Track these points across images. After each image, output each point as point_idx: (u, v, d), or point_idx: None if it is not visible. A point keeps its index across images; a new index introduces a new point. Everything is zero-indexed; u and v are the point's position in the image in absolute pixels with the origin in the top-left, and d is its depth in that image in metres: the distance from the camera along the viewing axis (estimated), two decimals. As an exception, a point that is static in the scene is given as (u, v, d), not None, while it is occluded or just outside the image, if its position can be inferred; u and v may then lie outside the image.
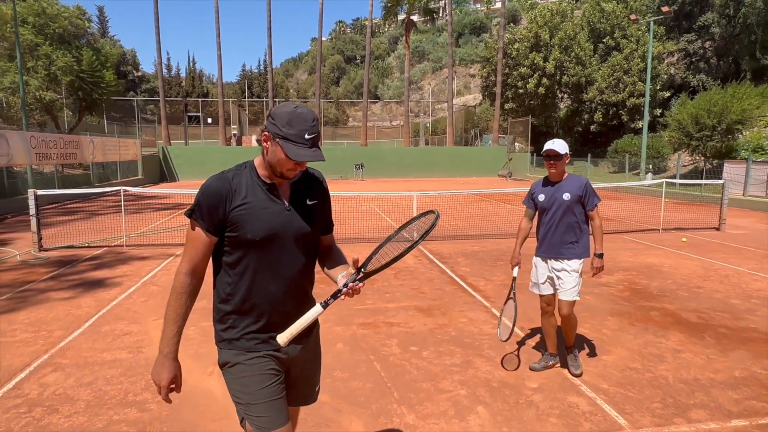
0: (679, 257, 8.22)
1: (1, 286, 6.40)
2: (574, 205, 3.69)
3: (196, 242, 1.77)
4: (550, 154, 3.64)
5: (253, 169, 1.83)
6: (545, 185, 3.84)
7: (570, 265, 3.70)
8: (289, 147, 1.70)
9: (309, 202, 1.90)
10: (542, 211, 3.82)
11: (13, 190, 15.68)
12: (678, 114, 23.56)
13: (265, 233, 1.75)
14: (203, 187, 1.76)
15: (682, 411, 3.32)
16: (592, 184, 3.76)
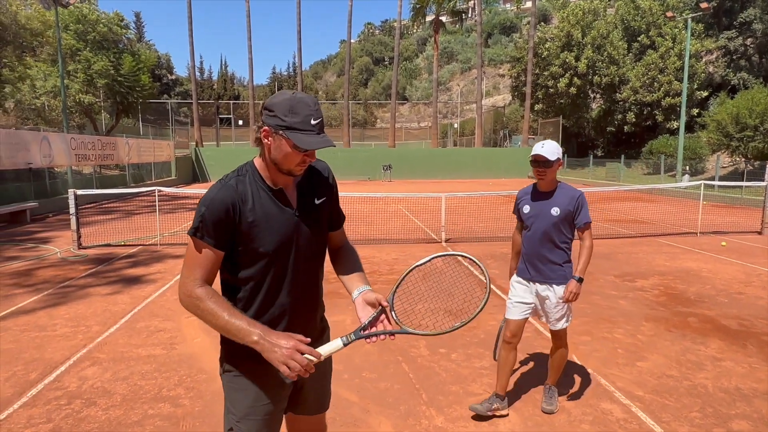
0: (718, 262, 7.92)
1: (43, 282, 6.66)
2: (562, 222, 3.11)
3: (204, 260, 1.59)
4: (539, 159, 3.05)
5: (256, 172, 1.66)
6: (533, 195, 3.25)
7: (559, 291, 3.15)
8: (296, 137, 1.53)
9: (317, 201, 1.76)
10: (525, 225, 3.26)
11: (54, 190, 16.30)
12: (717, 114, 22.76)
13: (277, 245, 1.63)
14: (207, 200, 1.58)
15: (723, 421, 3.19)
16: (586, 198, 3.18)
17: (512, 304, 3.27)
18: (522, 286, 3.27)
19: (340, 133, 42.59)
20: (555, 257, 3.15)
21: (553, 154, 3.05)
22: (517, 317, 3.23)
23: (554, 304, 3.16)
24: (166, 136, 32.05)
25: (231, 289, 1.69)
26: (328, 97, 72.46)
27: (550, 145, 3.08)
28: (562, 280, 3.14)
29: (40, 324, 5.04)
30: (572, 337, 4.65)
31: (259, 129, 1.60)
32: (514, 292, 3.30)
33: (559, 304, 3.15)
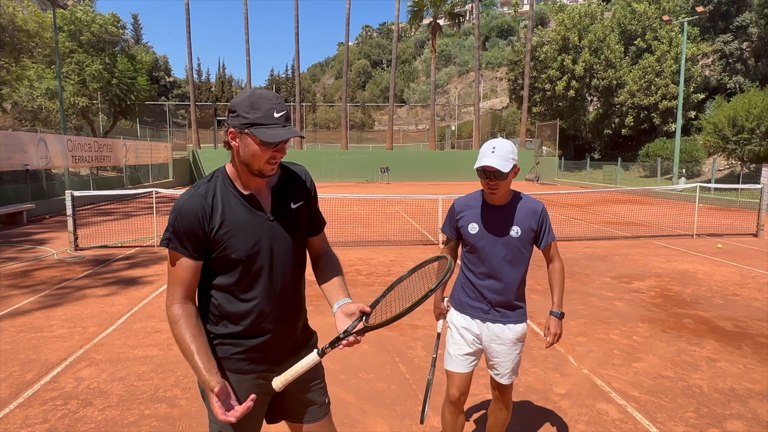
0: (714, 264, 7.96)
1: (40, 283, 6.64)
2: (523, 245, 2.38)
3: (181, 271, 1.58)
4: (488, 170, 2.25)
5: (226, 177, 1.63)
6: (482, 209, 2.42)
7: (516, 331, 2.43)
8: (260, 131, 1.49)
9: (293, 205, 1.71)
10: (473, 248, 2.42)
11: (52, 192, 16.28)
12: (714, 117, 22.89)
13: (250, 251, 1.59)
14: (176, 209, 1.57)
15: (718, 421, 3.21)
16: (548, 212, 2.46)
17: (455, 353, 2.49)
18: (466, 327, 2.47)
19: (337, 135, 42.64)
20: (513, 289, 2.41)
21: (506, 163, 2.24)
22: (462, 370, 2.48)
23: (509, 349, 2.43)
24: (164, 138, 32.03)
25: (207, 296, 1.67)
26: (326, 99, 72.54)
27: (502, 148, 2.27)
28: (520, 317, 2.44)
29: (36, 325, 5.04)
30: (569, 338, 4.68)
31: (226, 133, 1.57)
32: (455, 336, 2.50)
33: (517, 346, 2.46)
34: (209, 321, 1.69)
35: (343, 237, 10.16)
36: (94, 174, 20.96)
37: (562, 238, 10.15)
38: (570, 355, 4.29)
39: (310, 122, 62.84)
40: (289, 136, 1.52)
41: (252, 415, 1.73)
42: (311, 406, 1.84)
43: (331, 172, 31.98)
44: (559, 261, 2.51)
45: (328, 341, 1.60)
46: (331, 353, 1.63)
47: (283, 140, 1.52)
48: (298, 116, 36.58)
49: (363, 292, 6.26)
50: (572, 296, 5.98)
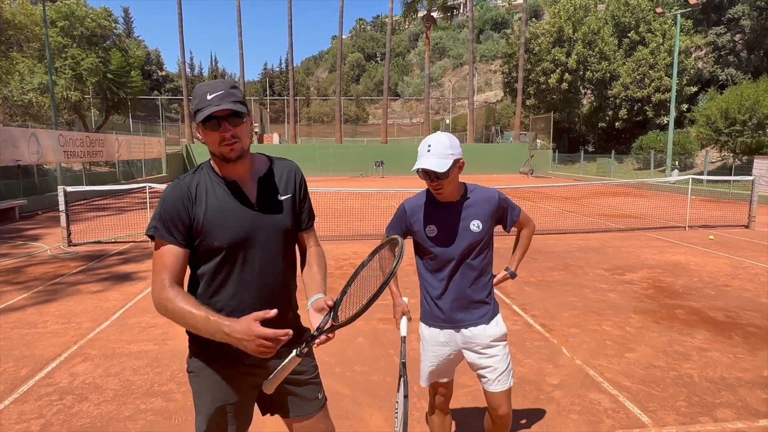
0: (706, 255, 8.03)
1: (33, 279, 6.62)
2: (487, 237, 2.23)
3: (168, 259, 1.59)
4: (429, 172, 2.10)
5: (210, 168, 1.67)
6: (433, 208, 2.24)
7: (494, 329, 2.26)
8: (198, 116, 1.54)
9: (281, 197, 1.72)
10: (432, 252, 2.23)
11: (44, 187, 16.17)
12: (706, 109, 23.00)
13: (233, 238, 1.61)
14: (162, 199, 1.62)
15: (708, 410, 3.26)
16: (504, 194, 2.33)
17: (429, 369, 2.37)
18: (441, 336, 2.31)
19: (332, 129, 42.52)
20: (481, 289, 2.25)
21: (444, 161, 2.06)
22: (446, 379, 2.41)
23: (498, 350, 2.27)
24: (157, 133, 31.83)
25: (194, 286, 1.69)
26: (320, 93, 72.29)
27: (438, 145, 2.09)
28: (492, 315, 2.29)
29: (30, 321, 5.02)
30: (562, 330, 4.72)
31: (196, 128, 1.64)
32: (430, 351, 2.34)
33: (500, 346, 2.28)
34: None
35: (338, 231, 10.17)
36: (86, 169, 20.81)
37: (557, 231, 10.21)
38: (563, 346, 4.33)
39: (304, 116, 62.62)
40: (211, 112, 1.50)
41: (240, 408, 1.76)
42: (303, 402, 1.83)
43: (326, 166, 31.92)
44: (529, 227, 2.45)
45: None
46: (325, 347, 1.64)
47: (207, 117, 1.51)
48: (291, 110, 36.45)
49: (358, 286, 6.27)
50: (565, 288, 6.02)
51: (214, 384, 1.70)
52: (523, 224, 2.43)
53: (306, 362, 1.85)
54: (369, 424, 3.13)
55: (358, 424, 3.11)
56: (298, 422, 1.83)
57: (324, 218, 11.87)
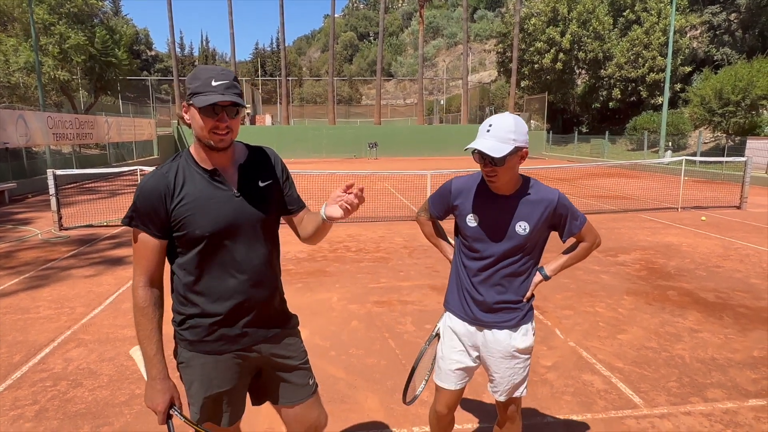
0: (698, 236, 8.09)
1: (25, 264, 6.56)
2: (532, 243, 2.01)
3: (145, 250, 1.60)
4: (483, 155, 1.86)
5: (189, 156, 1.64)
6: (483, 196, 2.01)
7: (522, 341, 2.07)
8: (197, 99, 1.51)
9: (261, 183, 1.71)
10: (470, 244, 2.04)
11: (33, 170, 15.94)
12: (700, 89, 22.94)
13: (215, 227, 1.59)
14: (139, 189, 1.59)
15: (699, 390, 3.30)
16: (567, 198, 2.05)
17: (446, 367, 2.16)
18: (458, 336, 2.14)
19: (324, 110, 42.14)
20: (514, 291, 2.05)
21: (503, 146, 1.81)
22: (453, 387, 2.17)
23: (519, 359, 2.09)
24: (147, 114, 31.40)
25: (175, 275, 1.68)
26: (312, 73, 71.42)
27: (500, 126, 1.84)
28: (523, 321, 2.08)
29: (22, 306, 4.99)
30: (555, 311, 4.76)
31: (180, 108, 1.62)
32: (449, 347, 2.16)
33: (523, 358, 2.10)
34: (178, 301, 1.70)
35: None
36: (76, 152, 20.53)
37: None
38: (557, 328, 4.36)
39: (297, 97, 61.96)
40: (217, 100, 1.50)
41: (233, 396, 1.76)
42: (292, 388, 1.84)
43: (319, 148, 31.70)
44: (589, 240, 2.09)
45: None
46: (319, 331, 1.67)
47: (211, 104, 1.50)
48: (284, 90, 36.01)
49: (352, 269, 6.28)
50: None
51: (206, 373, 1.70)
52: (584, 237, 2.09)
53: (295, 348, 1.85)
54: (364, 407, 3.15)
55: (353, 408, 3.13)
56: (288, 408, 1.84)
57: (318, 201, 11.79)
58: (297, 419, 1.85)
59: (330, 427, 2.91)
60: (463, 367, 2.15)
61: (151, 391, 1.61)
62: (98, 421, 2.99)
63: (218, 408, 1.74)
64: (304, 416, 1.85)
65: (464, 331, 2.12)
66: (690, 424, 2.93)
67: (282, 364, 1.81)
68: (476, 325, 2.09)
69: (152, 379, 1.61)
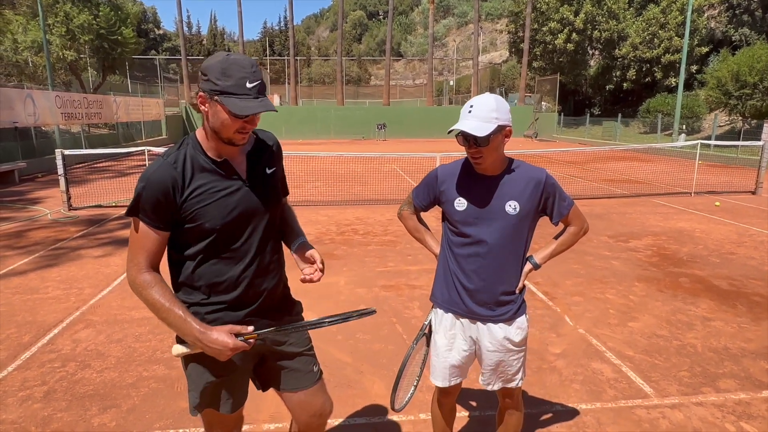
0: (711, 222, 7.95)
1: (34, 244, 6.59)
2: (523, 224, 1.95)
3: (146, 241, 1.53)
4: (467, 136, 1.83)
5: (197, 145, 1.56)
6: (469, 179, 1.97)
7: (516, 334, 2.02)
8: (230, 102, 1.42)
9: (268, 171, 1.68)
10: (459, 229, 1.97)
11: (43, 150, 15.98)
12: (717, 71, 22.39)
13: (225, 219, 1.55)
14: (144, 178, 1.50)
15: (711, 380, 3.25)
16: (554, 178, 2.00)
17: (440, 365, 2.11)
18: (450, 331, 2.08)
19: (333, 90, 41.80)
20: (507, 280, 1.99)
21: (485, 125, 1.79)
22: (449, 384, 2.14)
23: (514, 351, 2.04)
24: (155, 94, 31.32)
25: (180, 266, 1.62)
26: (321, 53, 70.68)
27: (482, 106, 1.82)
28: (517, 313, 2.03)
29: (32, 286, 5.02)
30: (565, 298, 4.70)
31: (195, 95, 1.52)
32: (439, 344, 2.10)
33: (514, 351, 2.05)
34: (183, 291, 1.65)
35: (340, 196, 10.08)
36: (86, 131, 20.55)
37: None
38: (566, 315, 4.31)
39: (305, 77, 61.45)
40: (261, 110, 1.45)
41: (235, 383, 1.74)
42: (296, 375, 1.81)
43: (327, 129, 31.52)
44: (577, 224, 2.05)
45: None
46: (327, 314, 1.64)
47: (254, 113, 1.45)
48: (292, 70, 35.70)
49: (359, 252, 6.25)
50: (569, 255, 5.97)
51: (207, 359, 1.66)
52: (571, 221, 2.04)
53: (299, 335, 1.83)
54: (371, 392, 3.13)
55: (360, 393, 3.12)
56: (291, 394, 1.82)
57: (325, 183, 11.78)
58: (301, 406, 1.82)
59: (336, 412, 2.90)
60: (458, 364, 2.10)
61: (212, 343, 1.48)
62: (106, 402, 3.00)
63: (219, 394, 1.72)
64: (308, 403, 1.82)
65: (456, 326, 2.07)
66: (702, 414, 2.89)
67: (285, 351, 1.79)
68: (469, 318, 2.03)
69: (201, 334, 1.48)
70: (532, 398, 3.06)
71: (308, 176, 12.97)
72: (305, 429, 1.85)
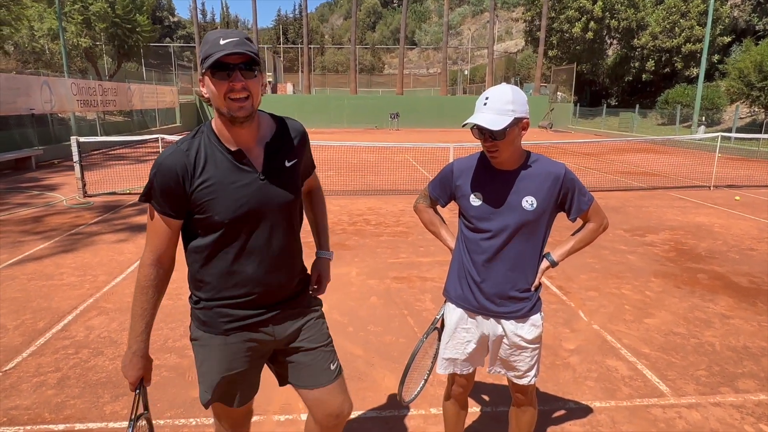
0: (731, 216, 7.78)
1: (51, 230, 6.66)
2: (541, 220, 1.88)
3: (157, 229, 1.53)
4: (482, 129, 1.76)
5: (212, 133, 1.52)
6: (485, 174, 1.92)
7: (530, 332, 1.98)
8: (207, 61, 1.39)
9: (287, 163, 1.61)
10: (475, 225, 1.93)
11: (59, 137, 16.15)
12: (739, 61, 21.83)
13: (235, 213, 1.50)
14: (156, 164, 1.48)
15: (730, 380, 3.17)
16: (574, 174, 1.93)
17: (461, 359, 2.07)
18: (467, 321, 2.03)
19: (346, 79, 41.61)
20: (522, 276, 1.94)
21: (500, 118, 1.72)
22: (467, 371, 2.12)
23: (527, 348, 2.00)
24: (170, 82, 31.42)
25: (192, 257, 1.61)
26: (335, 41, 70.31)
27: (497, 98, 1.74)
28: (531, 310, 1.98)
29: (47, 273, 5.07)
30: (579, 293, 4.62)
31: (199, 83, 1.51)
32: (455, 336, 2.05)
33: (527, 349, 2.00)
34: (193, 284, 1.65)
35: (352, 185, 10.04)
36: (101, 119, 20.71)
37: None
38: (580, 310, 4.25)
39: (319, 65, 61.23)
40: (222, 54, 1.37)
41: (246, 377, 1.71)
42: (312, 371, 1.76)
43: (340, 118, 31.42)
44: (597, 221, 1.98)
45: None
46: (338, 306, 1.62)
47: (219, 61, 1.38)
48: (305, 59, 35.56)
49: (371, 243, 6.21)
50: (584, 249, 5.87)
51: (221, 353, 1.65)
52: (590, 217, 1.97)
53: (315, 330, 1.78)
54: (382, 385, 3.11)
55: (370, 386, 3.10)
56: (308, 391, 1.76)
57: (338, 172, 11.73)
58: (317, 404, 1.76)
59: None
60: (469, 358, 2.07)
61: (128, 363, 1.60)
62: (118, 390, 3.02)
63: (228, 390, 1.70)
64: (324, 401, 1.75)
65: (468, 321, 2.03)
66: (720, 415, 2.82)
67: (300, 347, 1.74)
68: (481, 314, 1.99)
69: (133, 354, 1.59)
70: (545, 395, 3.01)
71: (321, 165, 12.88)
72: (320, 428, 1.79)
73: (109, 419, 2.75)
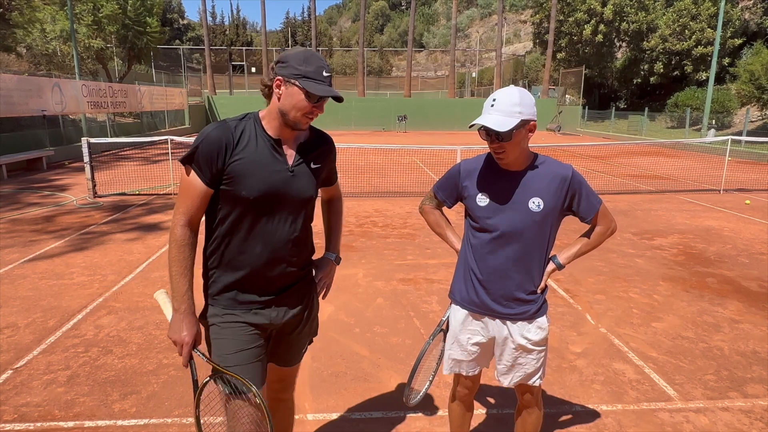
0: (741, 221, 7.71)
1: (62, 230, 6.74)
2: (547, 221, 1.88)
3: (191, 192, 1.63)
4: (489, 131, 1.78)
5: (258, 121, 1.69)
6: (492, 174, 1.92)
7: (536, 333, 1.97)
8: (309, 84, 1.58)
9: (313, 165, 1.77)
10: (481, 225, 1.93)
11: (70, 138, 16.31)
12: (750, 64, 21.63)
13: (261, 192, 1.63)
14: (203, 133, 1.62)
15: (738, 385, 3.15)
16: (582, 175, 1.93)
17: (456, 357, 2.09)
18: (472, 323, 2.03)
19: (354, 81, 41.69)
20: (528, 280, 1.93)
21: (508, 120, 1.73)
22: (473, 372, 2.12)
23: (532, 350, 1.99)
24: (179, 84, 31.65)
25: (210, 227, 1.72)
26: (343, 43, 70.52)
27: (504, 100, 1.76)
28: (537, 313, 1.97)
29: (57, 272, 5.13)
30: (587, 296, 4.61)
31: (270, 80, 1.65)
32: (459, 337, 2.06)
33: (539, 349, 2.00)
34: (208, 254, 1.74)
35: (359, 188, 10.07)
36: (111, 120, 20.90)
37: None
38: (587, 313, 4.23)
39: (327, 68, 61.25)
40: (332, 95, 1.62)
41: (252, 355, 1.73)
42: (290, 354, 1.93)
43: (348, 120, 31.49)
44: (604, 224, 1.96)
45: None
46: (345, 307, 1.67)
47: (326, 96, 1.61)
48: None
49: (378, 244, 6.23)
50: (592, 252, 5.84)
51: (238, 330, 1.72)
52: (598, 220, 1.95)
53: (315, 320, 1.97)
54: (387, 386, 3.12)
55: (376, 387, 3.11)
56: (282, 370, 1.96)
57: (345, 174, 11.76)
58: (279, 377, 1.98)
59: (353, 405, 2.91)
60: (474, 359, 2.08)
61: (179, 325, 1.64)
62: (126, 389, 3.05)
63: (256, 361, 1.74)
64: (288, 377, 2.01)
65: (473, 323, 2.03)
66: (728, 420, 2.80)
67: (293, 335, 1.89)
68: (487, 315, 1.99)
69: (182, 314, 1.64)
70: (552, 397, 3.01)
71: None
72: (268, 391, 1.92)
73: (118, 417, 2.78)
